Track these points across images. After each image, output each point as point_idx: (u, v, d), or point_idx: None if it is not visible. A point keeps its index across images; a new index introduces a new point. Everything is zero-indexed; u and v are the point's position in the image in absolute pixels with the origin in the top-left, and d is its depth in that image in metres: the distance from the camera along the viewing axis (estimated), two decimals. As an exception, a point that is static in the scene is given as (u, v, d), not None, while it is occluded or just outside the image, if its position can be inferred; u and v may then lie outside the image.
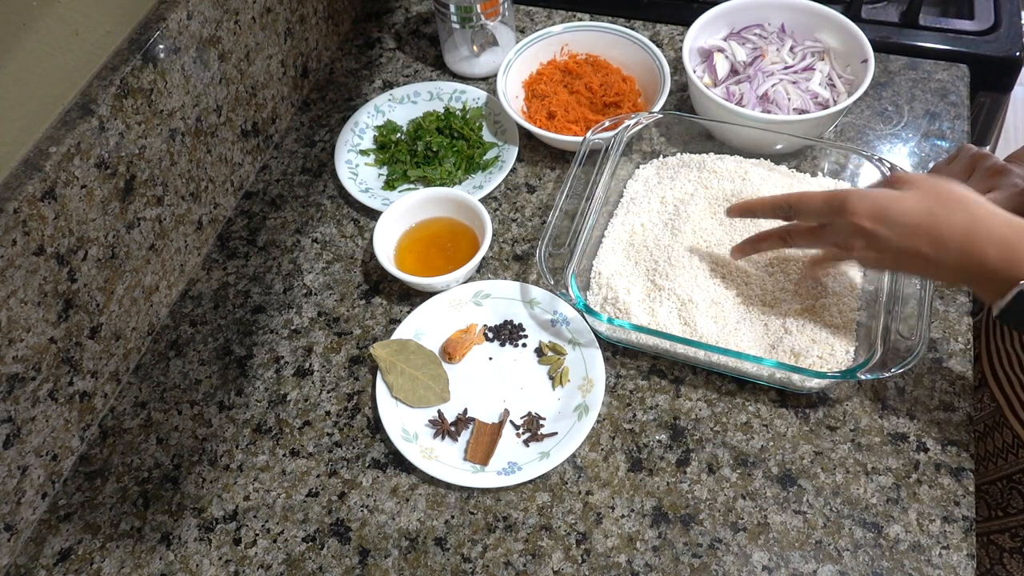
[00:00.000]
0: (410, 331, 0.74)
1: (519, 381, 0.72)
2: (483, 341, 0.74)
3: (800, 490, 0.65)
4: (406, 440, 0.68)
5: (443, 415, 0.70)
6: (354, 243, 0.83)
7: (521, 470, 0.66)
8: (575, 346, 0.73)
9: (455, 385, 0.72)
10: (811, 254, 0.71)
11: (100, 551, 0.66)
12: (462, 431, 0.69)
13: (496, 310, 0.76)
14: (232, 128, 0.84)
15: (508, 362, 0.73)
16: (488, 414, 0.70)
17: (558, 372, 0.71)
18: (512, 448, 0.68)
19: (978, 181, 0.67)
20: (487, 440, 0.68)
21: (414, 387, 0.71)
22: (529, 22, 1.01)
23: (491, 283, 0.77)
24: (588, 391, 0.69)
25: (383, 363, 0.71)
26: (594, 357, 0.71)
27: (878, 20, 0.97)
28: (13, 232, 0.59)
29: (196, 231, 0.81)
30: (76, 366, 0.68)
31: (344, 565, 0.64)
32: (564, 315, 0.74)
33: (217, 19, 0.77)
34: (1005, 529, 0.81)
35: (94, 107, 0.65)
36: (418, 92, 0.94)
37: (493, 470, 0.66)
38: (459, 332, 0.74)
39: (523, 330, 0.75)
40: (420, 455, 0.67)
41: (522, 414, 0.70)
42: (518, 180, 0.87)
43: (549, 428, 0.69)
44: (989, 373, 0.78)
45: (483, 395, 0.71)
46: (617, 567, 0.62)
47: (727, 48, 0.87)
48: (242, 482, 0.69)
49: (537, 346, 0.74)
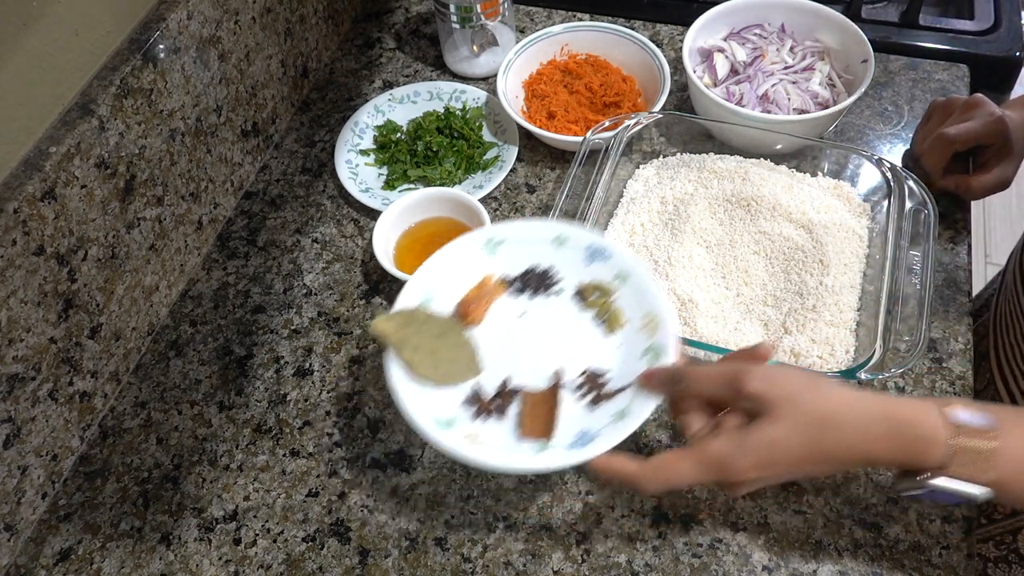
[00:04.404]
0: (414, 299, 0.63)
1: (562, 335, 0.61)
2: (503, 291, 0.64)
3: (800, 490, 0.65)
4: (442, 428, 0.56)
5: (480, 391, 0.59)
6: (354, 243, 0.83)
7: (599, 437, 0.54)
8: (623, 281, 0.61)
9: (486, 353, 0.61)
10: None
11: (100, 551, 0.66)
12: (508, 406, 0.58)
13: (515, 257, 0.65)
14: (232, 128, 0.84)
15: (543, 315, 0.63)
16: (535, 381, 0.59)
17: (608, 315, 0.61)
18: (576, 416, 0.57)
19: (957, 119, 0.73)
20: (544, 409, 0.57)
21: (436, 362, 0.59)
22: (529, 22, 1.01)
23: (503, 226, 0.66)
24: (655, 330, 0.58)
25: (393, 339, 0.59)
26: (649, 289, 0.60)
27: (878, 20, 0.97)
28: (13, 232, 0.59)
29: (196, 231, 0.81)
30: (76, 366, 0.68)
31: (344, 565, 0.64)
32: (600, 247, 0.63)
33: (217, 19, 0.77)
34: (989, 538, 0.80)
35: (94, 107, 0.65)
36: (418, 92, 0.94)
37: (561, 445, 0.55)
38: (473, 289, 0.64)
39: (553, 275, 0.64)
40: (465, 443, 0.55)
41: (577, 373, 0.59)
42: (518, 180, 0.87)
43: (617, 383, 0.57)
44: (996, 371, 0.78)
45: (523, 359, 0.60)
46: (617, 567, 0.62)
47: (727, 48, 0.87)
48: (242, 482, 0.69)
49: (575, 290, 0.63)
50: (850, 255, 0.72)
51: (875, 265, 0.71)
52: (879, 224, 0.73)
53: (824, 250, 0.71)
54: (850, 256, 0.72)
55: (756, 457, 0.50)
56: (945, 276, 0.75)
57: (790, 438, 0.49)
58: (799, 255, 0.72)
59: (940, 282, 0.75)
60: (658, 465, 0.52)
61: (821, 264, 0.71)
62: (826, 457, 0.50)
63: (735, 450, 0.50)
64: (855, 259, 0.72)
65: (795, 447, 0.50)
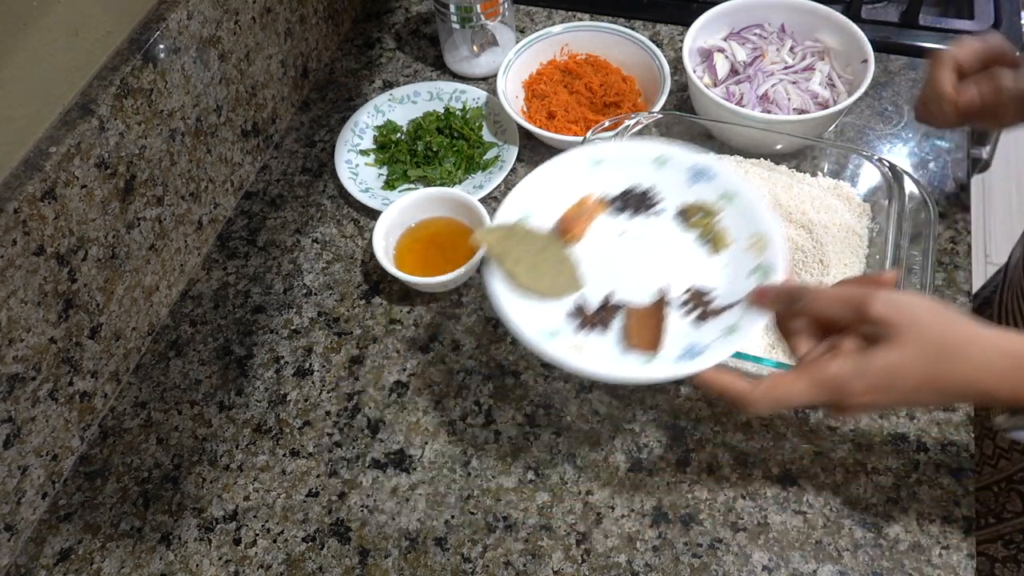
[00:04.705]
0: (514, 214, 0.63)
1: (665, 254, 0.61)
2: (602, 211, 0.63)
3: (800, 490, 0.65)
4: (547, 338, 0.56)
5: (583, 305, 0.59)
6: (354, 243, 0.83)
7: (708, 350, 0.54)
8: (728, 201, 0.60)
9: (588, 269, 0.61)
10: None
11: (100, 551, 0.66)
12: (611, 320, 0.58)
13: (614, 178, 0.64)
14: (232, 128, 0.84)
15: (645, 234, 0.62)
16: (638, 297, 0.59)
17: (712, 235, 0.60)
18: (682, 331, 0.56)
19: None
20: (650, 323, 0.57)
21: (538, 275, 0.59)
22: (529, 22, 1.01)
23: (603, 146, 0.66)
24: (763, 249, 0.58)
25: (494, 250, 0.59)
26: (756, 208, 0.59)
27: (878, 20, 0.97)
28: (13, 232, 0.59)
29: (196, 231, 0.81)
30: (76, 366, 0.68)
31: (344, 565, 0.64)
32: (703, 167, 0.62)
33: (217, 19, 0.77)
34: (998, 537, 0.80)
35: (94, 107, 0.65)
36: (418, 92, 0.94)
37: (669, 358, 0.55)
38: (572, 207, 0.63)
39: (653, 195, 0.63)
40: (571, 352, 0.55)
41: (682, 291, 0.58)
42: (518, 180, 0.86)
43: (723, 301, 0.57)
44: None
45: (625, 276, 0.60)
46: (617, 567, 0.62)
47: (727, 48, 0.87)
48: (242, 482, 0.69)
49: (677, 211, 0.63)
50: (850, 255, 0.72)
51: (875, 265, 0.71)
52: (879, 224, 0.73)
53: (824, 250, 0.71)
54: (850, 256, 0.72)
55: (874, 381, 0.50)
56: (945, 276, 0.75)
57: (911, 365, 0.49)
58: (799, 255, 0.72)
59: (940, 282, 0.75)
60: (771, 384, 0.52)
61: (821, 264, 0.71)
62: (944, 388, 0.50)
63: (853, 373, 0.50)
64: (855, 259, 0.72)
65: (915, 374, 0.49)
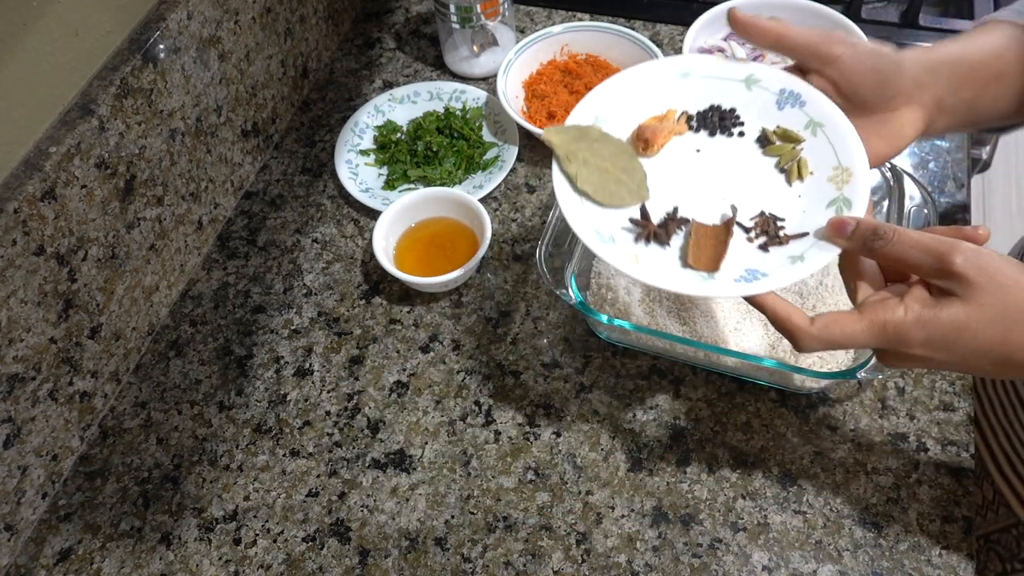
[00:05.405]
0: (589, 117, 0.60)
1: (739, 176, 0.58)
2: (685, 130, 0.60)
3: (800, 490, 0.65)
4: (603, 243, 0.54)
5: (647, 214, 0.56)
6: (354, 243, 0.83)
7: (767, 276, 0.52)
8: (816, 129, 0.57)
9: (655, 182, 0.58)
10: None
11: (100, 551, 0.66)
12: (672, 234, 0.56)
13: (698, 93, 0.61)
14: (232, 128, 0.84)
15: (721, 154, 0.59)
16: (705, 215, 0.56)
17: (792, 163, 0.58)
18: (746, 254, 0.54)
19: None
20: (713, 242, 0.54)
21: (603, 180, 0.57)
22: (529, 22, 1.01)
23: (692, 58, 0.63)
24: (845, 183, 0.55)
25: (562, 151, 0.57)
26: (846, 140, 0.56)
27: (878, 20, 0.97)
28: (13, 232, 0.59)
29: (196, 231, 0.81)
30: (76, 366, 0.68)
31: (344, 565, 0.64)
32: (794, 92, 0.59)
33: (217, 19, 0.77)
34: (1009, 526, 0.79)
35: (94, 107, 0.65)
36: (418, 92, 0.94)
37: (728, 278, 0.52)
38: (654, 118, 0.60)
39: (737, 115, 0.60)
40: (627, 260, 0.53)
41: (751, 215, 0.56)
42: (518, 180, 0.87)
43: (793, 230, 0.54)
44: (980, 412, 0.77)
45: (693, 193, 0.58)
46: (617, 567, 0.62)
47: (727, 48, 0.87)
48: (242, 482, 0.69)
49: (759, 134, 0.60)
50: (850, 255, 0.72)
51: (875, 265, 0.71)
52: (879, 224, 0.73)
53: (824, 250, 0.71)
54: (850, 256, 0.72)
55: (934, 334, 0.47)
56: (945, 276, 0.75)
57: (981, 328, 0.47)
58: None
59: (940, 282, 0.75)
60: (831, 320, 0.50)
61: (821, 264, 0.71)
62: (1007, 358, 0.47)
63: (915, 322, 0.47)
64: (855, 259, 0.72)
65: (981, 337, 0.47)
